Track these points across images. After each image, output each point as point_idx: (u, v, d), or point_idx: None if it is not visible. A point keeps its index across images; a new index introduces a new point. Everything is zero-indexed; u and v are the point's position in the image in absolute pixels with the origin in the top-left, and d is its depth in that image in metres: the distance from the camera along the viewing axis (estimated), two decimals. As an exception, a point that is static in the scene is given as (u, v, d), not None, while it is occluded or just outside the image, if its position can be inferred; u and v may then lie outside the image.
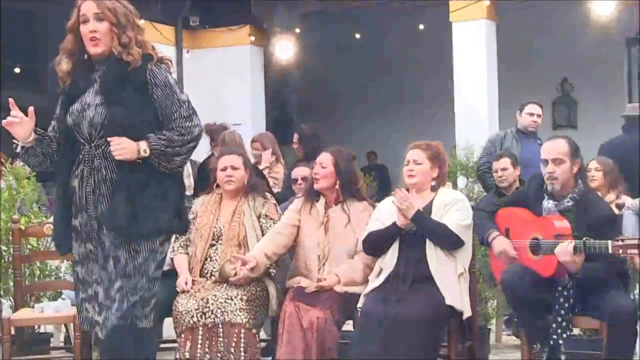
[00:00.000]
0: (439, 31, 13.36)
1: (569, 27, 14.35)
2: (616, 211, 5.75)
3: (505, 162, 7.82)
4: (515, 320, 6.48)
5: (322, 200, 5.85)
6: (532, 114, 8.79)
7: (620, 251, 4.86)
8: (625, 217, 5.48)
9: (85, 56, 4.38)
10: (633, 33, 15.65)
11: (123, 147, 4.18)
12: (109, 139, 4.20)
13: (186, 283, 5.71)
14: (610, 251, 4.88)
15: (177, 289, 5.73)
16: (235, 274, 5.62)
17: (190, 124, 4.30)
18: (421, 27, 14.41)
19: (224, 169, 5.97)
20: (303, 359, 5.35)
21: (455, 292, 5.37)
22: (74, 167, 4.33)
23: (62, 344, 7.18)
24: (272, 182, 8.01)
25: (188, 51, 14.37)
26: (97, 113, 4.25)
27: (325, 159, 5.88)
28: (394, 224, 5.46)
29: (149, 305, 4.34)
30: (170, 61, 4.45)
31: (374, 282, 5.47)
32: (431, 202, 5.55)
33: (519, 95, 10.18)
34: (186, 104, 4.33)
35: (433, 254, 5.38)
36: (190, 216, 5.93)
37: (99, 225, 4.27)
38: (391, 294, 5.33)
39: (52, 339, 7.12)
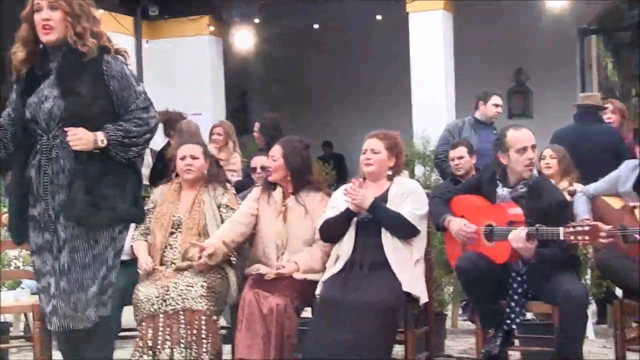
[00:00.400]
0: (396, 22, 13.38)
1: (523, 18, 14.44)
2: (568, 198, 5.80)
3: (462, 150, 7.88)
4: (470, 305, 6.53)
5: (279, 190, 5.85)
6: (497, 105, 8.87)
7: (572, 237, 4.92)
8: (577, 198, 5.54)
9: (41, 45, 4.35)
10: (585, 24, 15.79)
11: (80, 138, 4.16)
12: (65, 129, 4.18)
13: (147, 264, 5.71)
14: (561, 237, 4.94)
15: (139, 270, 5.73)
16: (199, 258, 5.61)
17: (147, 115, 4.31)
18: (379, 17, 14.41)
19: (183, 158, 5.96)
20: (263, 345, 5.36)
21: (411, 279, 5.40)
22: (30, 157, 4.31)
23: (21, 333, 7.14)
24: (230, 174, 8.01)
25: (147, 41, 14.28)
26: (55, 105, 4.23)
27: (275, 151, 5.87)
28: (348, 209, 5.48)
29: (107, 294, 4.34)
30: (127, 52, 4.44)
31: (332, 269, 5.49)
32: (387, 191, 5.57)
33: (476, 85, 10.22)
34: (143, 95, 4.33)
35: (389, 241, 5.41)
36: (150, 205, 5.96)
37: (56, 215, 4.25)
38: (348, 280, 5.36)
39: (11, 329, 7.08)
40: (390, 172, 5.64)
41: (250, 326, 5.40)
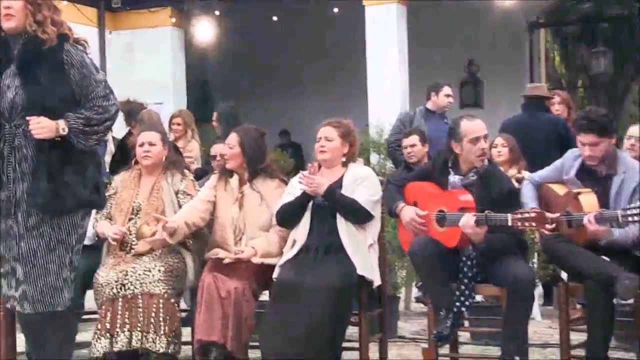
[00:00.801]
0: (352, 14, 13.36)
1: (474, 12, 14.50)
2: (516, 185, 5.85)
3: (414, 139, 7.92)
4: (423, 288, 6.56)
5: (235, 177, 5.84)
6: (448, 95, 8.92)
7: (519, 223, 4.95)
8: (524, 185, 5.58)
9: (3, 33, 4.30)
10: (534, 18, 15.91)
11: (42, 127, 4.14)
12: (27, 118, 4.14)
13: (115, 233, 5.64)
14: (509, 223, 4.97)
15: (112, 241, 5.65)
16: (153, 234, 5.56)
17: (107, 103, 4.29)
18: (335, 10, 14.37)
19: (142, 145, 5.91)
20: (221, 327, 5.34)
21: (365, 262, 5.41)
22: None
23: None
24: (188, 161, 7.97)
25: (110, 32, 14.17)
26: (17, 95, 4.20)
27: (232, 139, 5.86)
28: (304, 193, 5.48)
29: (70, 277, 4.32)
30: (86, 42, 4.40)
31: (288, 254, 5.49)
32: (341, 177, 5.57)
33: (429, 76, 10.24)
34: (103, 83, 4.30)
35: (344, 226, 5.42)
36: (111, 191, 5.92)
37: (19, 202, 4.22)
38: (304, 264, 5.37)
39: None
40: (344, 159, 5.65)
41: (209, 308, 5.38)
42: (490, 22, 14.74)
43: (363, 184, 5.51)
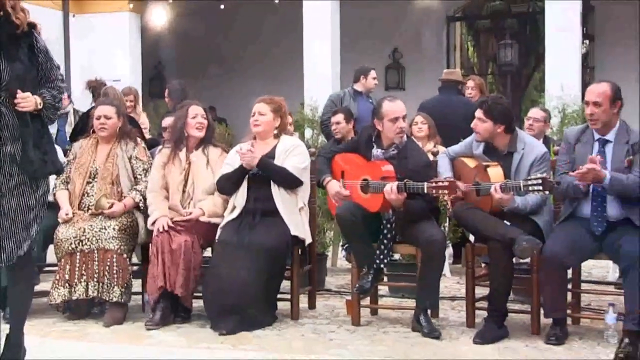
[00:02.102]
0: (291, 4, 13.27)
1: (399, 6, 14.55)
2: (432, 157, 5.88)
3: (339, 117, 7.97)
4: (348, 247, 6.57)
5: (184, 150, 5.82)
6: (375, 78, 8.93)
7: (434, 191, 4.99)
8: (439, 158, 5.62)
9: None
10: (452, 12, 16.01)
11: (28, 100, 4.09)
12: (18, 91, 4.07)
13: (66, 214, 5.64)
14: (425, 191, 5.01)
15: (59, 219, 5.64)
16: (110, 207, 5.59)
17: (63, 85, 4.42)
18: (276, 0, 14.27)
19: (99, 118, 5.91)
20: (170, 276, 5.32)
21: (297, 224, 5.44)
22: None
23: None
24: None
25: (74, 15, 13.90)
26: (2, 70, 4.11)
27: (202, 110, 5.86)
28: (241, 166, 5.49)
29: (37, 229, 4.26)
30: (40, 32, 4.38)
31: (229, 217, 5.50)
32: (274, 148, 5.59)
33: (358, 60, 10.22)
34: (59, 68, 4.38)
35: (277, 192, 5.44)
36: (70, 157, 5.94)
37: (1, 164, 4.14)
38: (244, 226, 5.38)
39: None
40: (276, 132, 5.66)
41: (161, 259, 5.36)
42: (412, 15, 14.78)
43: (292, 153, 5.54)
